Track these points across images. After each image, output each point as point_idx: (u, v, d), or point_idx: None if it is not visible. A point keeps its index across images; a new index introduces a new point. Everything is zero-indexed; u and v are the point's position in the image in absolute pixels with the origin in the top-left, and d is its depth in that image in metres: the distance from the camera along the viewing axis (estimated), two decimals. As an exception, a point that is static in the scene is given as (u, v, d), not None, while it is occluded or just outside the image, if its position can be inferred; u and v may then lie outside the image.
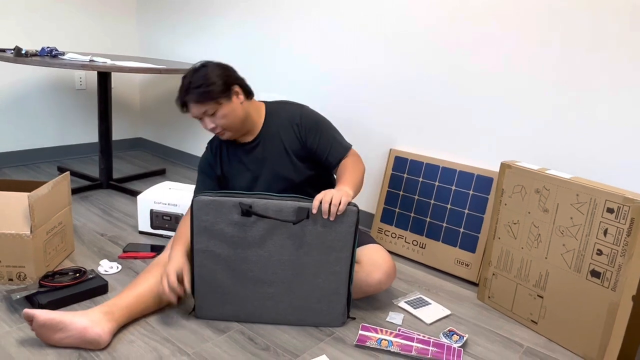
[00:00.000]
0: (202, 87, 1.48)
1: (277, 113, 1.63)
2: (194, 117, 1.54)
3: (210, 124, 1.53)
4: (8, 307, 1.43)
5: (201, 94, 1.48)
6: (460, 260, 1.89)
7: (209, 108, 1.50)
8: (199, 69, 1.53)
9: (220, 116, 1.51)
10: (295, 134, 1.60)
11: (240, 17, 2.67)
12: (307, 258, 1.39)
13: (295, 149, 1.60)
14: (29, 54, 2.15)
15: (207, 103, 1.49)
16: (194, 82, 1.50)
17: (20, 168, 2.82)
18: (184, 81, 1.52)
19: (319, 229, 1.36)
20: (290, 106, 1.65)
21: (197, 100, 1.49)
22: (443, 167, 1.98)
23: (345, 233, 1.37)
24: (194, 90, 1.49)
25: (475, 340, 1.48)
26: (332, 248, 1.38)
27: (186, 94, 1.50)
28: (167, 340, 1.34)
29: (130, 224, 2.13)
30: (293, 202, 1.35)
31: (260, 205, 1.35)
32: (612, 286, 1.35)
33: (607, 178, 1.65)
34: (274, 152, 1.61)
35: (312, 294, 1.42)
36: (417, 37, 2.03)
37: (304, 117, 1.60)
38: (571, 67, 1.67)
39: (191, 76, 1.52)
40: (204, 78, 1.50)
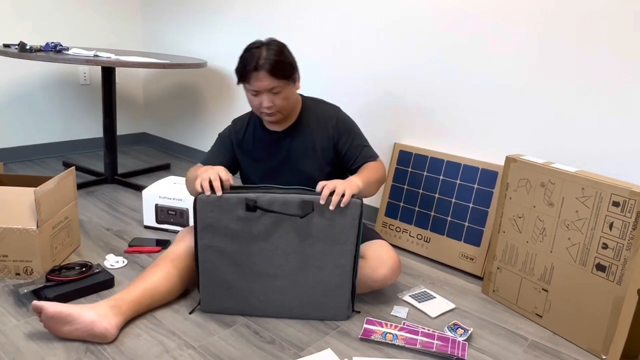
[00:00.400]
0: (284, 60, 1.44)
1: (314, 109, 1.62)
2: (254, 89, 1.45)
3: (268, 102, 1.46)
4: (15, 301, 1.45)
5: (280, 66, 1.43)
6: (464, 254, 1.89)
7: (279, 85, 1.45)
8: (272, 41, 1.48)
9: (283, 97, 1.47)
10: (328, 134, 1.59)
11: (243, 12, 2.67)
12: (312, 250, 1.39)
13: (324, 148, 1.60)
14: (33, 49, 2.16)
15: (280, 80, 1.44)
16: (273, 51, 1.43)
17: (26, 163, 2.83)
18: (257, 49, 1.44)
19: (324, 221, 1.37)
20: (327, 105, 1.65)
21: (274, 73, 1.42)
22: (447, 161, 1.97)
23: (349, 226, 1.37)
24: (274, 58, 1.42)
25: (480, 334, 1.48)
26: (337, 240, 1.38)
27: (264, 61, 1.41)
28: (174, 333, 1.35)
29: (135, 219, 2.14)
30: (298, 195, 1.35)
31: (265, 200, 1.35)
32: (618, 280, 1.35)
33: (612, 171, 1.64)
34: (301, 147, 1.59)
35: (317, 287, 1.42)
36: (420, 30, 2.02)
37: (340, 120, 1.61)
38: (577, 60, 1.66)
39: (267, 45, 1.45)
40: (281, 53, 1.45)
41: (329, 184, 1.35)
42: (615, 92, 1.60)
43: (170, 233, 2.02)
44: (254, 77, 1.43)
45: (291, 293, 1.42)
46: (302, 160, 1.60)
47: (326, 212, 1.36)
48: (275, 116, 1.51)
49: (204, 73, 2.97)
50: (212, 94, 2.96)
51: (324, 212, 1.36)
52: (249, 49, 1.47)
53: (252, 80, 1.44)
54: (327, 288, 1.42)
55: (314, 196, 1.35)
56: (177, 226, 2.02)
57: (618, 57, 1.58)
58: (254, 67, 1.42)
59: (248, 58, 1.44)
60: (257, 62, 1.42)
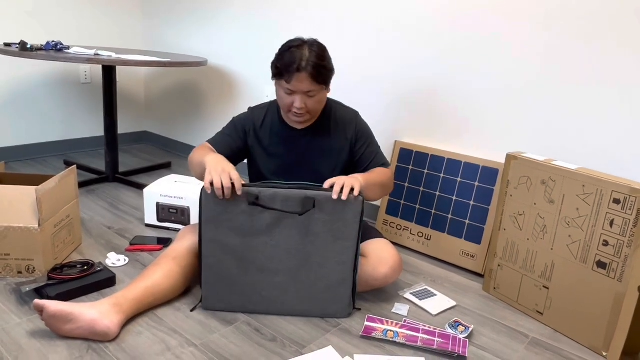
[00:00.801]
0: (326, 65, 1.44)
1: (335, 111, 1.63)
2: (291, 89, 1.44)
3: (301, 104, 1.46)
4: (18, 300, 1.45)
5: (323, 72, 1.43)
6: (465, 252, 1.89)
7: (317, 89, 1.45)
8: (314, 41, 1.46)
9: (317, 100, 1.48)
10: (346, 137, 1.61)
11: (243, 10, 2.66)
12: (313, 247, 1.39)
13: (340, 150, 1.61)
14: (34, 48, 2.16)
15: (320, 84, 1.44)
16: (316, 54, 1.42)
17: (27, 162, 2.84)
18: (300, 48, 1.42)
19: (326, 217, 1.37)
20: (347, 109, 1.66)
21: (316, 78, 1.42)
22: (448, 159, 1.97)
23: (351, 222, 1.38)
24: (317, 64, 1.41)
25: (481, 331, 1.48)
26: (338, 237, 1.39)
27: (307, 64, 1.40)
28: (175, 331, 1.36)
29: (136, 217, 2.14)
30: (300, 191, 1.36)
31: (267, 196, 1.35)
32: (618, 277, 1.35)
33: (613, 169, 1.64)
34: (318, 147, 1.60)
35: (318, 283, 1.42)
36: (421, 28, 2.02)
37: (359, 125, 1.64)
38: (578, 58, 1.66)
39: (310, 46, 1.43)
40: (324, 57, 1.44)
41: (338, 180, 1.37)
42: (616, 89, 1.60)
43: (172, 231, 2.03)
44: (295, 77, 1.42)
45: (292, 289, 1.43)
46: (317, 160, 1.61)
47: (328, 208, 1.36)
48: (304, 117, 1.51)
49: (205, 71, 2.97)
50: (212, 92, 2.96)
51: (326, 208, 1.36)
52: (290, 46, 1.45)
53: (293, 81, 1.42)
54: (328, 284, 1.43)
55: (317, 192, 1.35)
56: (178, 224, 2.02)
57: (620, 55, 1.58)
58: (296, 68, 1.40)
59: (291, 57, 1.42)
60: (300, 64, 1.40)
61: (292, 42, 1.47)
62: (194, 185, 2.08)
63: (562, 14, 1.67)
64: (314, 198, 1.35)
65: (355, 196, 1.36)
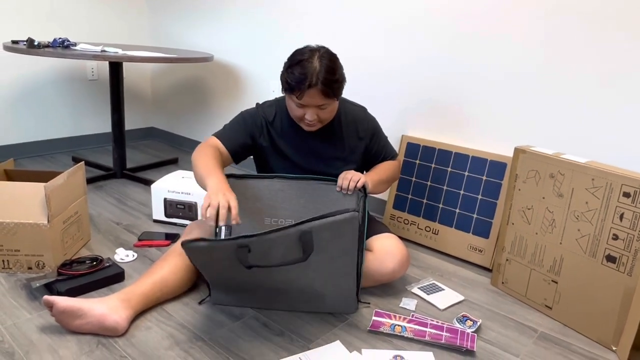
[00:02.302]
0: (336, 81, 1.40)
1: (344, 110, 1.62)
2: (302, 104, 1.41)
3: (313, 116, 1.44)
4: (28, 295, 1.46)
5: (334, 86, 1.40)
6: (473, 246, 1.88)
7: (327, 103, 1.43)
8: (324, 51, 1.42)
9: (328, 111, 1.47)
10: (358, 135, 1.62)
11: (250, 5, 2.66)
12: (315, 257, 1.36)
13: (352, 147, 1.62)
14: (41, 45, 2.17)
15: (332, 98, 1.42)
16: (327, 68, 1.38)
17: (35, 159, 2.86)
18: (310, 62, 1.37)
19: (325, 238, 1.27)
20: (355, 106, 1.67)
21: (327, 93, 1.39)
22: (456, 153, 1.96)
23: (350, 238, 1.29)
24: (328, 78, 1.38)
25: (489, 326, 1.48)
26: (338, 255, 1.32)
27: (317, 78, 1.36)
28: (183, 326, 1.37)
29: (144, 213, 2.15)
30: (294, 228, 1.21)
31: (260, 248, 1.22)
32: (628, 271, 1.34)
33: (623, 162, 1.62)
34: (329, 146, 1.60)
35: (323, 282, 1.42)
36: (428, 21, 2.00)
37: (370, 122, 1.66)
38: (587, 50, 1.64)
39: (320, 58, 1.39)
40: (335, 70, 1.40)
41: (347, 176, 1.45)
42: (625, 81, 1.58)
43: (179, 227, 2.03)
44: (307, 94, 1.39)
45: (297, 288, 1.42)
46: (327, 159, 1.61)
47: (325, 235, 1.26)
48: (315, 127, 1.51)
49: (211, 67, 2.97)
50: (219, 88, 2.96)
51: (324, 234, 1.26)
52: (299, 60, 1.40)
53: (304, 97, 1.40)
54: (334, 282, 1.42)
55: (312, 224, 1.21)
56: (185, 220, 2.03)
57: (629, 46, 1.56)
58: (307, 85, 1.37)
59: (301, 72, 1.37)
60: (311, 80, 1.36)
61: (301, 54, 1.42)
62: (201, 180, 2.09)
63: (570, 6, 1.65)
64: (310, 231, 1.22)
65: (359, 188, 1.44)
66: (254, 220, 1.47)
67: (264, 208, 1.46)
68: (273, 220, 1.46)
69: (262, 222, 1.46)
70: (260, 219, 1.46)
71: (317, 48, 1.45)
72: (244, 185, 1.46)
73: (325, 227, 1.23)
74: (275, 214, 1.46)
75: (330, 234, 1.25)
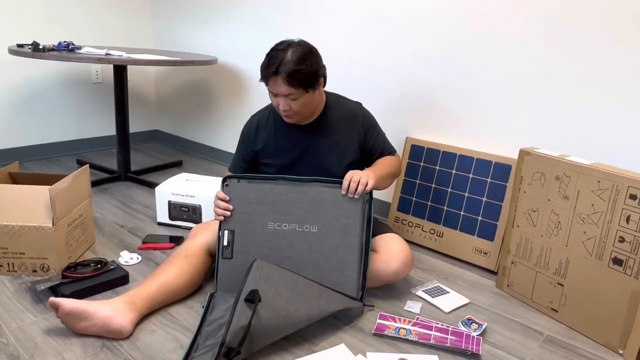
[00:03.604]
0: (303, 70, 1.41)
1: (337, 106, 1.63)
2: (272, 91, 1.47)
3: (284, 106, 1.47)
4: (33, 298, 1.47)
5: (298, 76, 1.41)
6: (478, 249, 1.88)
7: (295, 93, 1.45)
8: (300, 44, 1.46)
9: (300, 104, 1.48)
10: (354, 130, 1.62)
11: (253, 8, 2.66)
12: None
13: (347, 143, 1.62)
14: (46, 48, 2.18)
15: (298, 88, 1.43)
16: (295, 58, 1.41)
17: (40, 162, 2.87)
18: (282, 52, 1.42)
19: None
20: (350, 102, 1.67)
21: (290, 82, 1.41)
22: (460, 155, 1.96)
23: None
24: (293, 67, 1.40)
25: (495, 329, 1.47)
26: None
27: (284, 66, 1.40)
28: (188, 329, 1.36)
29: (148, 216, 2.16)
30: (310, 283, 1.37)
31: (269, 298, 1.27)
32: (635, 274, 1.33)
33: (629, 164, 1.61)
34: (324, 142, 1.61)
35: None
36: (431, 24, 2.00)
37: (365, 117, 1.66)
38: (592, 51, 1.63)
39: (293, 50, 1.42)
40: (305, 61, 1.42)
41: (354, 176, 1.43)
42: (631, 82, 1.57)
43: (184, 229, 2.03)
44: (272, 81, 1.44)
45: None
46: (322, 155, 1.61)
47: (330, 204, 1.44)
48: (292, 118, 1.53)
49: (215, 70, 2.98)
50: (223, 91, 2.97)
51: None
52: (274, 49, 1.46)
53: (270, 84, 1.46)
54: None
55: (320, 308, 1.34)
56: (190, 223, 2.03)
57: (635, 47, 1.55)
58: (272, 72, 1.42)
59: (270, 60, 1.44)
60: (277, 68, 1.41)
61: (278, 44, 1.48)
62: (205, 183, 2.09)
63: (577, 5, 1.64)
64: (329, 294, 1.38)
65: (366, 191, 1.43)
66: (256, 225, 1.46)
67: (267, 212, 1.46)
68: (277, 225, 1.46)
69: (265, 227, 1.46)
70: (263, 224, 1.46)
71: (296, 41, 1.48)
72: (247, 188, 1.46)
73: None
74: (278, 219, 1.46)
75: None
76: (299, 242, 1.46)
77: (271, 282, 1.30)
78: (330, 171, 1.60)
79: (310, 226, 1.45)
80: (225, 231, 1.46)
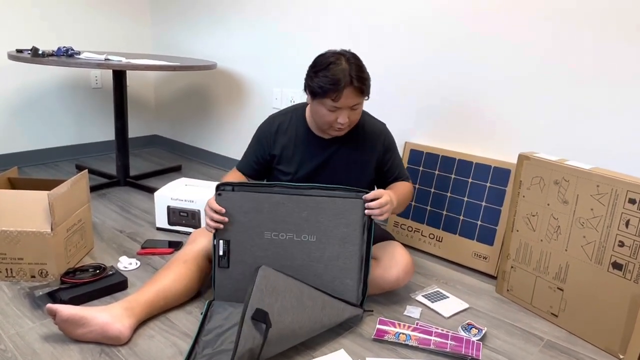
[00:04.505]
0: (367, 78, 1.42)
1: (363, 122, 1.60)
2: (338, 105, 1.41)
3: (345, 118, 1.43)
4: (31, 304, 1.46)
5: (367, 85, 1.42)
6: (478, 253, 1.87)
7: (360, 102, 1.44)
8: (345, 54, 1.43)
9: (359, 112, 1.47)
10: (375, 149, 1.61)
11: (253, 12, 2.67)
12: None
13: (366, 160, 1.60)
14: (45, 54, 2.18)
15: (364, 96, 1.43)
16: (356, 67, 1.40)
17: (39, 167, 2.87)
18: (339, 64, 1.39)
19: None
20: (375, 120, 1.66)
21: (362, 90, 1.41)
22: (459, 160, 1.96)
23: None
24: (360, 77, 1.39)
25: (495, 334, 1.47)
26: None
27: (352, 78, 1.38)
28: (187, 335, 1.36)
29: (147, 221, 2.15)
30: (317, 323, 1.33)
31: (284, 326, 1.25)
32: (635, 278, 1.33)
33: (628, 168, 1.62)
34: (344, 156, 1.59)
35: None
36: (430, 28, 2.01)
37: (388, 137, 1.64)
38: (590, 56, 1.64)
39: (346, 59, 1.41)
40: (364, 68, 1.43)
41: (382, 200, 1.39)
42: (630, 87, 1.58)
43: (183, 235, 2.03)
44: (344, 94, 1.38)
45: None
46: (340, 170, 1.59)
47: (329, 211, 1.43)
48: (345, 131, 1.51)
49: (214, 75, 2.98)
50: (222, 96, 2.97)
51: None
52: (328, 63, 1.40)
53: (342, 98, 1.39)
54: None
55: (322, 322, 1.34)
56: (189, 228, 2.03)
57: (634, 51, 1.55)
58: (344, 85, 1.37)
59: (335, 74, 1.37)
60: (347, 79, 1.37)
61: (327, 57, 1.42)
62: (204, 188, 2.09)
63: (574, 9, 1.65)
64: None
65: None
66: (253, 234, 1.43)
67: (264, 222, 1.42)
68: (274, 235, 1.43)
69: (262, 237, 1.43)
70: (259, 233, 1.43)
71: (340, 51, 1.45)
72: (242, 197, 1.42)
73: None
74: (275, 229, 1.43)
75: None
76: (297, 252, 1.44)
77: (277, 293, 1.26)
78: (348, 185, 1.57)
79: (309, 236, 1.43)
80: (221, 241, 1.44)
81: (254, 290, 1.22)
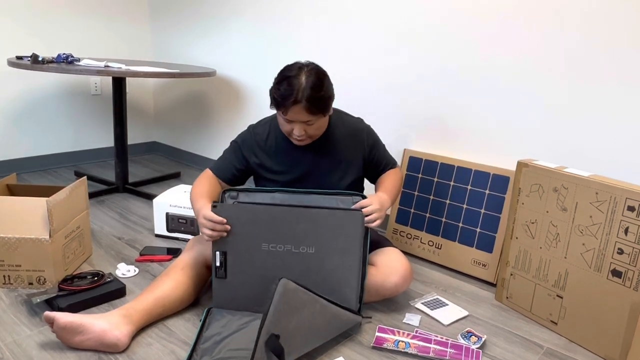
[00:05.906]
0: (322, 97, 1.39)
1: (341, 123, 1.61)
2: (288, 119, 1.42)
3: (300, 132, 1.44)
4: (29, 311, 1.45)
5: (319, 104, 1.39)
6: (477, 261, 1.87)
7: (314, 119, 1.42)
8: (310, 68, 1.42)
9: (315, 127, 1.46)
10: (358, 147, 1.61)
11: (251, 20, 2.68)
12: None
13: (351, 160, 1.61)
14: (45, 60, 2.19)
15: (316, 115, 1.41)
16: (312, 84, 1.38)
17: (38, 173, 2.86)
18: (295, 78, 1.38)
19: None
20: (352, 118, 1.66)
21: (311, 109, 1.38)
22: (458, 167, 1.96)
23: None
24: (312, 97, 1.37)
25: (494, 342, 1.46)
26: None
27: (302, 94, 1.36)
28: (185, 342, 1.35)
29: (146, 227, 2.15)
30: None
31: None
32: (634, 286, 1.33)
33: (627, 176, 1.62)
34: (327, 160, 1.59)
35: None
36: (429, 35, 2.02)
37: (368, 133, 1.65)
38: (589, 63, 1.65)
39: (306, 75, 1.39)
40: (322, 86, 1.40)
41: (372, 202, 1.43)
42: (629, 93, 1.58)
43: (181, 241, 2.03)
44: (291, 110, 1.39)
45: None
46: (324, 173, 1.59)
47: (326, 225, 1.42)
48: (304, 142, 1.51)
49: (213, 82, 2.99)
50: (221, 103, 2.98)
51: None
52: (287, 76, 1.40)
53: (289, 113, 1.40)
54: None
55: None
56: (188, 235, 2.03)
57: (633, 58, 1.56)
58: (292, 102, 1.37)
59: (286, 88, 1.38)
60: (296, 97, 1.36)
61: (288, 70, 1.42)
62: (203, 195, 2.09)
63: (575, 16, 1.66)
64: None
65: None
66: (250, 246, 1.42)
67: (261, 233, 1.41)
68: (271, 246, 1.42)
69: (259, 248, 1.42)
70: (256, 245, 1.42)
71: (305, 64, 1.44)
72: (239, 209, 1.40)
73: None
74: (273, 240, 1.42)
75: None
76: (295, 263, 1.43)
77: (293, 312, 1.23)
78: (332, 188, 1.58)
79: (308, 247, 1.42)
80: (217, 252, 1.43)
81: (272, 310, 1.18)
